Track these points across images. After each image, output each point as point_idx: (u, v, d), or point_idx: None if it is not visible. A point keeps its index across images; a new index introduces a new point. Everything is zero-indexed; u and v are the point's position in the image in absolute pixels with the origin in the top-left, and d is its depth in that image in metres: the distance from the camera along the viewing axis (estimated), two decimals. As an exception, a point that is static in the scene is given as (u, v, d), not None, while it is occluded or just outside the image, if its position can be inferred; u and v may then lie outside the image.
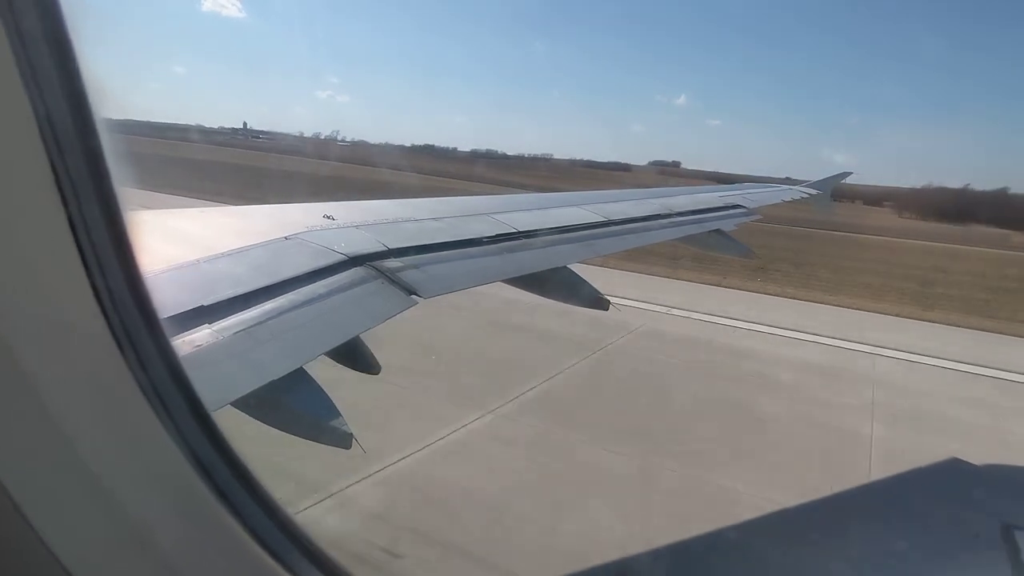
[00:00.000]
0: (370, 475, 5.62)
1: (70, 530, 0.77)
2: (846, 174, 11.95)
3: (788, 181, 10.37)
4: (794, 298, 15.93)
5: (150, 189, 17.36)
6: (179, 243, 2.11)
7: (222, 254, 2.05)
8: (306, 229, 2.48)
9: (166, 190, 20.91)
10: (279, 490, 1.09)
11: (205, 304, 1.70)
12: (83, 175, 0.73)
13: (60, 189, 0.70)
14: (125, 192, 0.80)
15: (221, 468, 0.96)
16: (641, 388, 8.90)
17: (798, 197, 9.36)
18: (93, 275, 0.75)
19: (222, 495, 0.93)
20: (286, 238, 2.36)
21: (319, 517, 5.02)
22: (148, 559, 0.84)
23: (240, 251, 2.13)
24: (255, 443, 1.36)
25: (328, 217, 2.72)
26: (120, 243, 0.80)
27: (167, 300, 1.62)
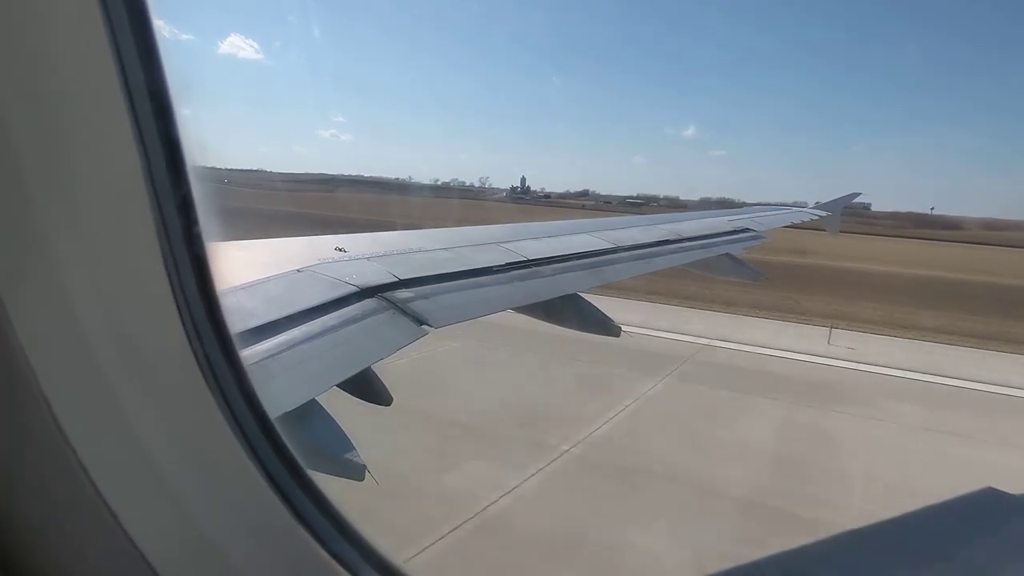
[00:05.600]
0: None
1: (160, 537, 0.83)
2: (855, 195, 11.94)
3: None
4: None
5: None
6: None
7: (235, 287, 2.07)
8: (318, 261, 2.51)
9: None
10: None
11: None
12: (174, 217, 0.83)
13: (156, 228, 0.80)
14: (208, 235, 0.89)
15: (289, 480, 1.01)
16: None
17: (808, 219, 9.34)
18: (180, 305, 0.83)
19: (292, 506, 0.99)
20: (298, 271, 2.38)
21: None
22: (227, 565, 0.90)
23: (253, 284, 2.15)
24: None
25: (339, 249, 2.75)
26: (203, 276, 0.88)
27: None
